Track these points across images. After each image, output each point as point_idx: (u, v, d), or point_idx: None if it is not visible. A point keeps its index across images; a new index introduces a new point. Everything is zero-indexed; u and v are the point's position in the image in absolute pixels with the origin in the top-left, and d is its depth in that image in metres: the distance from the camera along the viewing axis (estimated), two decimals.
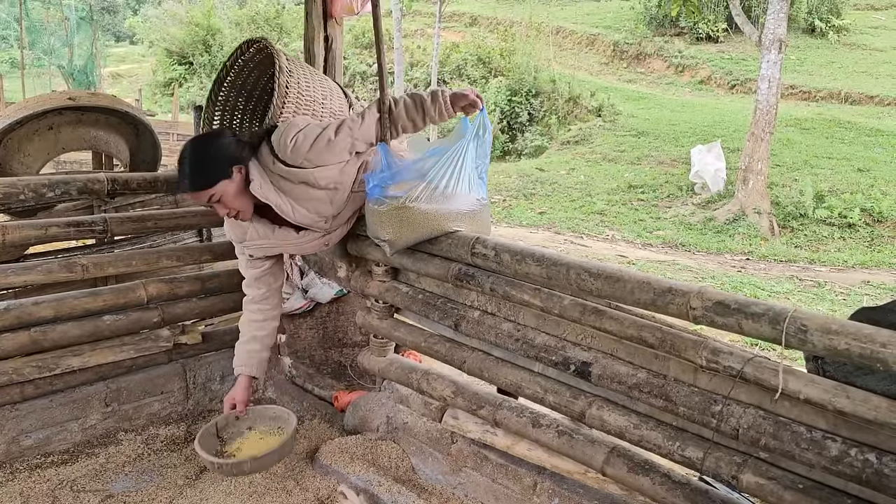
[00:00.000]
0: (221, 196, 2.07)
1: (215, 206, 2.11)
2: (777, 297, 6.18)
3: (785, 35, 9.34)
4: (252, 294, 2.41)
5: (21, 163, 3.15)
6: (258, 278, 2.40)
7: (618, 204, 10.26)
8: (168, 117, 14.71)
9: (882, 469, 1.30)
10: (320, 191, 2.16)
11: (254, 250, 2.33)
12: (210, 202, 2.08)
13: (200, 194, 2.06)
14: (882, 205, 9.05)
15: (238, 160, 2.09)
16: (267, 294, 2.41)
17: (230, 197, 2.08)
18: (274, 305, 2.43)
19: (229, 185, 2.07)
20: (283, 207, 2.15)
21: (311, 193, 2.15)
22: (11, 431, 2.38)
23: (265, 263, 2.38)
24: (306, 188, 2.14)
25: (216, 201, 2.08)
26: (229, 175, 2.07)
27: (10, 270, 2.34)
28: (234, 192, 2.08)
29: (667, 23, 19.73)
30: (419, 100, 2.17)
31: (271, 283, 2.42)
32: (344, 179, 2.19)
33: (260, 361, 2.39)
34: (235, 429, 2.33)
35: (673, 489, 1.66)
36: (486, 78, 17.24)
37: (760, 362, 1.48)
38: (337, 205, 2.22)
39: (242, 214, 2.16)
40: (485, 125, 2.10)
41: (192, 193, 2.07)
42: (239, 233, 2.30)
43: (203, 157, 2.08)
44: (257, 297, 2.41)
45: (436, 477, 2.25)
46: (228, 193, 2.07)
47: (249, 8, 24.19)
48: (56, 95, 3.29)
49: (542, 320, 1.90)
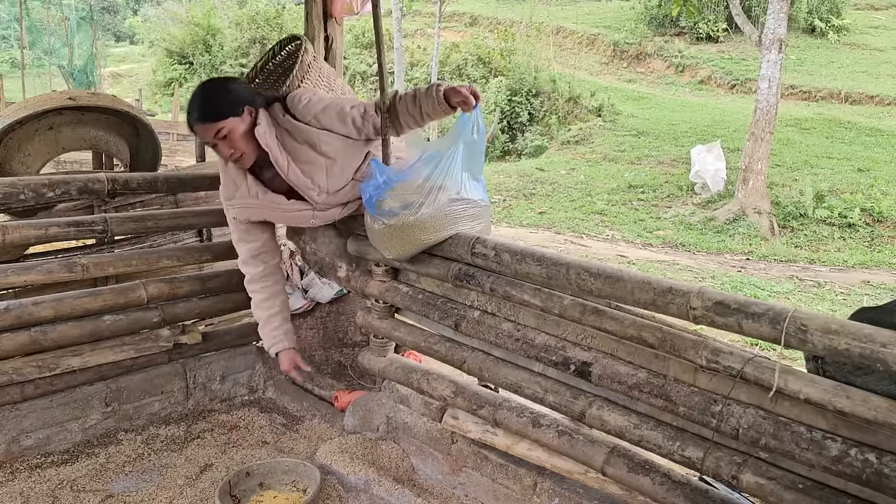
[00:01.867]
0: (229, 133, 2.10)
1: (220, 145, 2.13)
2: (777, 297, 6.18)
3: (785, 35, 9.34)
4: (250, 273, 2.42)
5: (21, 163, 3.15)
6: (254, 255, 2.41)
7: (618, 204, 10.26)
8: (168, 117, 14.71)
9: (882, 469, 1.30)
10: (320, 157, 2.19)
11: (238, 211, 2.32)
12: (217, 137, 2.10)
13: (210, 127, 2.09)
14: (882, 205, 9.04)
15: (250, 102, 2.15)
16: (265, 272, 2.41)
17: (237, 135, 2.12)
18: (275, 281, 2.45)
19: (238, 123, 2.11)
20: (279, 160, 2.17)
21: (311, 156, 2.19)
22: (12, 431, 2.39)
23: (257, 239, 2.38)
24: (308, 150, 2.18)
25: (222, 137, 2.11)
26: (239, 113, 2.12)
27: (10, 270, 2.35)
28: (242, 132, 2.12)
29: (667, 23, 19.72)
30: (416, 94, 2.17)
31: (268, 260, 2.42)
32: (346, 157, 2.22)
33: (286, 332, 2.45)
34: (247, 485, 2.19)
35: (673, 489, 1.66)
36: (486, 78, 17.22)
37: (760, 362, 1.48)
38: (332, 179, 2.23)
39: (244, 158, 2.18)
40: (478, 126, 2.06)
41: (201, 125, 2.10)
42: (231, 189, 2.31)
43: (216, 93, 2.13)
44: (256, 276, 2.42)
45: (436, 477, 2.26)
46: (236, 132, 2.11)
47: (249, 8, 24.16)
48: (56, 95, 3.28)
49: (543, 320, 1.90)
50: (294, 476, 2.23)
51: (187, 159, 9.93)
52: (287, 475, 2.24)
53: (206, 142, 2.17)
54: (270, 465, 2.26)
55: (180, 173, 2.94)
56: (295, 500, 2.15)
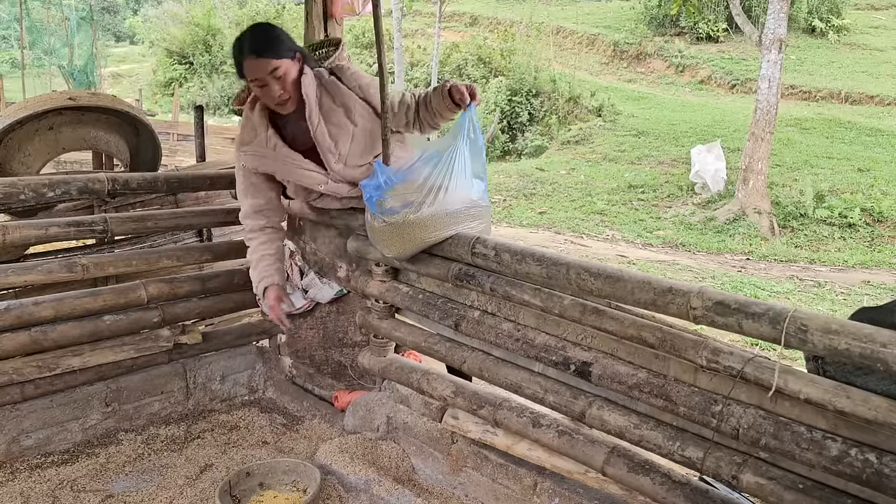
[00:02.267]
0: (284, 73, 2.15)
1: (269, 84, 2.16)
2: (777, 297, 6.18)
3: (785, 35, 9.34)
4: (250, 226, 2.45)
5: (21, 163, 3.15)
6: (256, 211, 2.43)
7: (618, 204, 10.26)
8: (168, 117, 14.71)
9: (882, 469, 1.30)
10: (350, 123, 2.27)
11: (250, 159, 2.34)
12: (271, 75, 2.14)
13: (267, 63, 2.13)
14: (882, 205, 9.04)
15: (301, 51, 2.23)
16: (267, 224, 2.45)
17: (291, 76, 2.18)
18: (275, 231, 2.48)
19: (291, 66, 2.18)
20: (312, 115, 2.24)
21: (342, 120, 2.26)
22: (12, 431, 2.39)
23: (262, 197, 2.41)
24: (341, 114, 2.26)
25: (277, 77, 2.15)
26: (293, 57, 2.19)
27: (10, 270, 2.35)
28: (294, 76, 2.19)
29: (667, 23, 19.73)
30: (430, 92, 2.26)
31: (270, 216, 2.45)
32: (372, 136, 2.30)
33: (278, 269, 2.47)
34: (247, 485, 2.18)
35: (673, 489, 1.66)
36: (487, 78, 17.21)
37: (761, 362, 1.48)
38: (354, 151, 2.30)
39: (289, 103, 2.23)
40: (473, 125, 2.07)
41: (257, 60, 2.13)
42: (249, 135, 2.34)
43: (274, 35, 2.18)
44: (256, 227, 2.45)
45: (436, 477, 2.26)
46: (291, 72, 2.17)
47: (250, 8, 24.19)
48: (56, 95, 3.28)
49: (543, 320, 1.90)
50: (294, 476, 2.23)
51: (187, 159, 9.94)
52: (287, 475, 2.24)
53: (254, 79, 2.17)
54: (270, 465, 2.26)
55: (180, 173, 2.94)
56: (295, 500, 2.14)
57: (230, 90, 21.77)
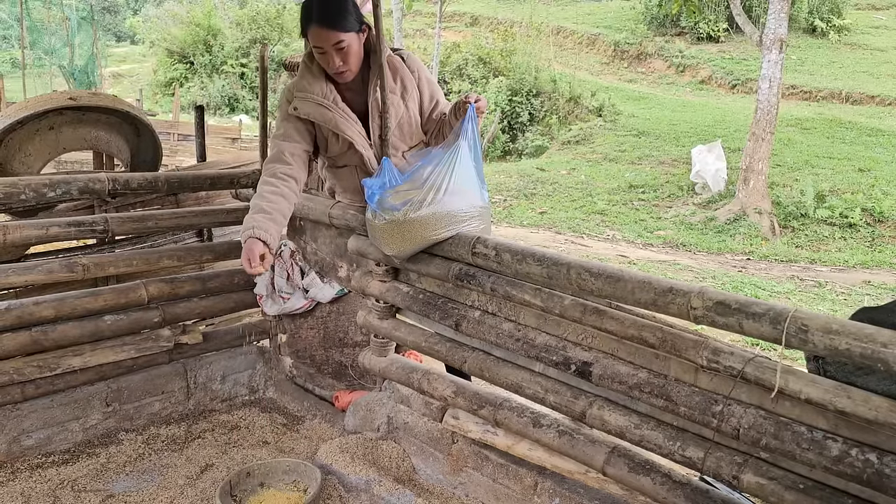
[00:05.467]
0: (347, 46, 2.14)
1: (334, 55, 2.15)
2: (778, 297, 6.17)
3: (786, 35, 9.33)
4: (272, 169, 2.24)
5: (22, 163, 3.15)
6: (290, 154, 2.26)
7: (618, 204, 10.25)
8: (169, 117, 14.73)
9: (883, 469, 1.30)
10: (401, 103, 2.29)
11: (303, 104, 2.26)
12: (334, 46, 2.12)
13: (333, 34, 2.11)
14: (883, 205, 9.04)
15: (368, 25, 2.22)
16: (289, 174, 2.24)
17: (352, 50, 2.17)
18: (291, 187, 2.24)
19: (355, 39, 2.17)
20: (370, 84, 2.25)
21: (394, 99, 2.27)
22: (12, 431, 2.39)
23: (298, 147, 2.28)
24: (398, 93, 2.28)
25: (339, 48, 2.13)
26: (360, 31, 2.18)
27: (10, 270, 2.35)
28: (356, 49, 2.18)
29: (667, 23, 19.74)
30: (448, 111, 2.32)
31: (296, 167, 2.26)
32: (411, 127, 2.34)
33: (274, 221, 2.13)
34: (248, 485, 2.18)
35: (674, 489, 1.66)
36: (487, 78, 17.23)
37: (761, 362, 1.48)
38: (395, 133, 2.31)
39: (350, 73, 2.22)
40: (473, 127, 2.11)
41: (324, 30, 2.11)
42: (308, 82, 2.27)
43: (344, 6, 2.15)
44: (275, 171, 2.23)
45: (436, 477, 2.26)
46: (353, 46, 2.16)
47: (250, 8, 24.20)
48: (57, 95, 3.28)
49: (543, 320, 1.90)
50: (295, 476, 2.23)
51: (188, 159, 9.95)
52: (288, 475, 2.24)
53: (316, 46, 2.14)
54: (271, 465, 2.26)
55: (181, 173, 2.94)
56: (296, 500, 2.14)
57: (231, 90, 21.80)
